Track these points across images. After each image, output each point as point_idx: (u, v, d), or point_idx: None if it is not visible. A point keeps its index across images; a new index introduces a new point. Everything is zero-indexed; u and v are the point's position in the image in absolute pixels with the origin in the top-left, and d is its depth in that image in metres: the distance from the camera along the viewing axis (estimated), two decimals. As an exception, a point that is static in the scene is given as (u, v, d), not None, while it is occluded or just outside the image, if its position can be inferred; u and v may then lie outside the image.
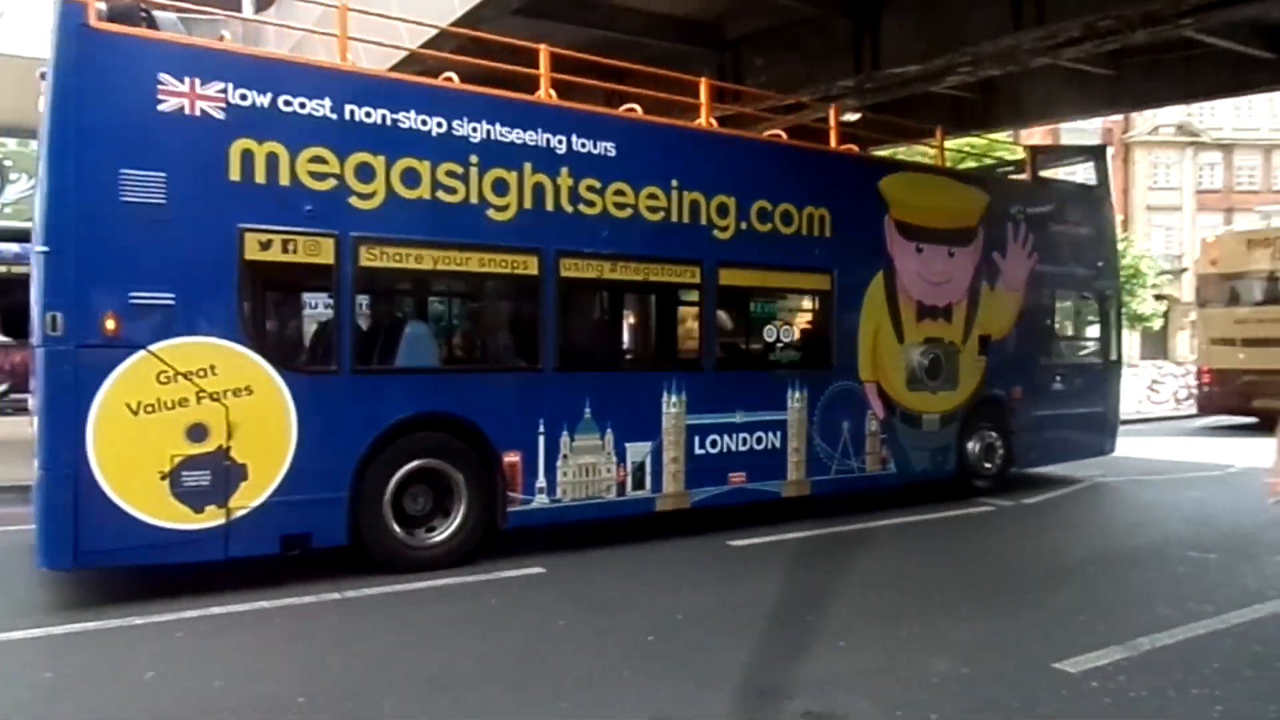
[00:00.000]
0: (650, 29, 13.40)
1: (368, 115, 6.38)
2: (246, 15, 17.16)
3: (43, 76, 5.74)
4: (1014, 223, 10.22)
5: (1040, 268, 10.42)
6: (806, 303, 9.04)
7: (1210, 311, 18.12)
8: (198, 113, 5.81)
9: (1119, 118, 41.53)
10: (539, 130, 7.07)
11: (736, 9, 12.90)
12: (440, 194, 6.64)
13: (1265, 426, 15.34)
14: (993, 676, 4.74)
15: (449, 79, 7.04)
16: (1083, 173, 12.28)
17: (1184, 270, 38.68)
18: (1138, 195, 43.50)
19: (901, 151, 28.51)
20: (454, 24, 9.57)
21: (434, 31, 10.03)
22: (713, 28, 13.62)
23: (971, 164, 17.48)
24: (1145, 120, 42.84)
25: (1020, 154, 12.07)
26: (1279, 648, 5.24)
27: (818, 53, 12.83)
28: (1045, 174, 11.27)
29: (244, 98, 5.95)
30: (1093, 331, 11.65)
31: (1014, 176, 11.33)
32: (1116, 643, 5.15)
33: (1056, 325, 11.00)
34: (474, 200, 6.78)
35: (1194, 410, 18.17)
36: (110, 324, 5.52)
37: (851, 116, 14.67)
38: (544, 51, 7.32)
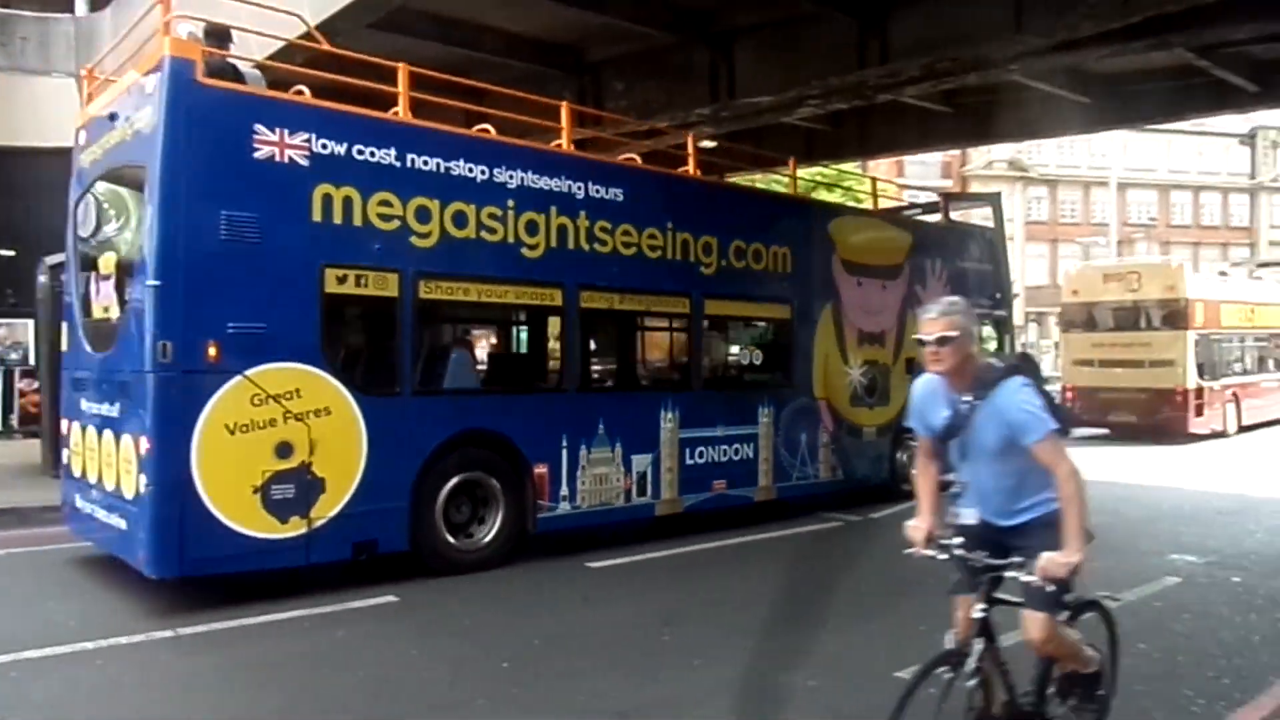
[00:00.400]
0: (511, 49, 13.37)
1: (425, 163, 7.14)
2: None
3: (111, 118, 6.57)
4: (931, 259, 11.46)
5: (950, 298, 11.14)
6: (772, 330, 10.18)
7: (1072, 335, 20.14)
8: (286, 160, 6.44)
9: (957, 152, 44.27)
10: (562, 177, 7.94)
11: (597, 33, 13.02)
12: (483, 234, 7.44)
13: (1117, 437, 18.44)
14: (839, 687, 4.90)
15: (299, 91, 6.94)
16: (980, 217, 13.72)
17: (1017, 295, 41.40)
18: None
19: (757, 179, 29.52)
20: (307, 38, 9.28)
21: (282, 44, 9.66)
22: (574, 50, 13.71)
23: (823, 192, 18.58)
24: (981, 155, 45.82)
25: (868, 184, 13.23)
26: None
27: (676, 80, 13.12)
28: (954, 217, 12.55)
29: (324, 146, 6.61)
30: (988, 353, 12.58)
31: (928, 219, 12.47)
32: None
33: None
34: (510, 239, 7.61)
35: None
36: (212, 351, 6.08)
37: (708, 144, 15.10)
38: (402, 70, 7.32)
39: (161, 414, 5.99)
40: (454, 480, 7.25)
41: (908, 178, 44.92)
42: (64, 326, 7.82)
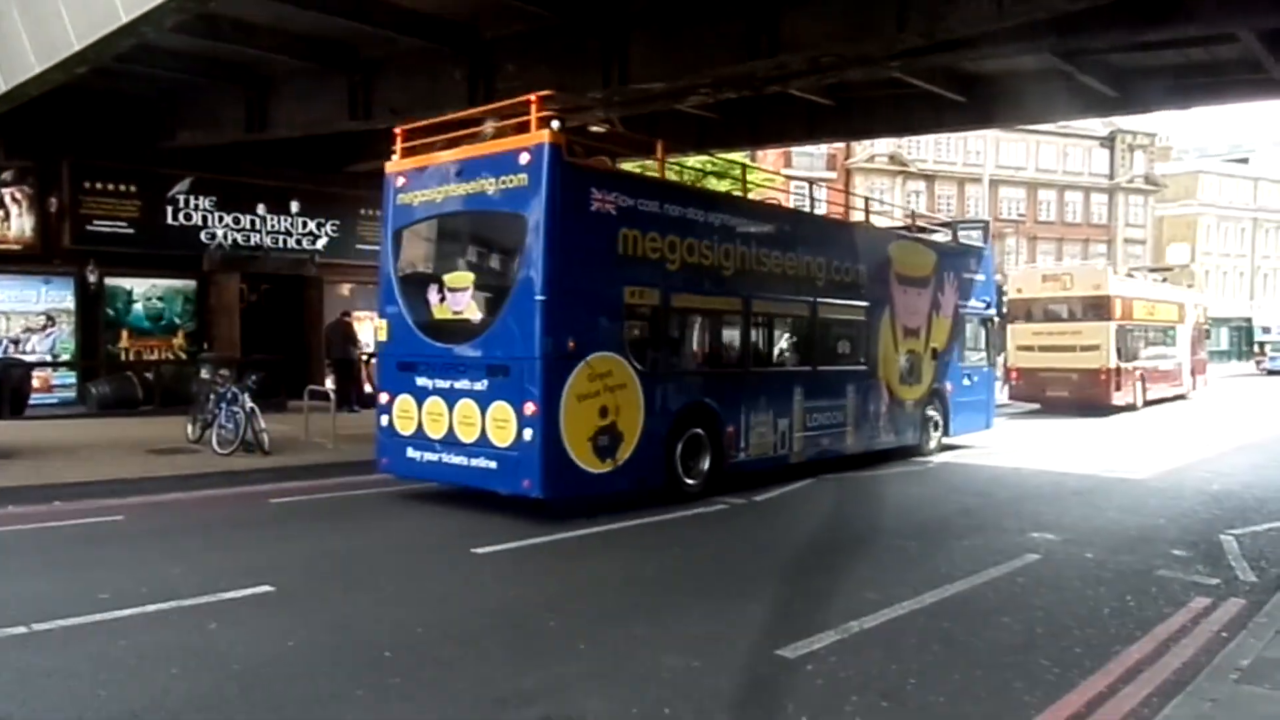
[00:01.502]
0: (402, 24, 13.02)
1: (672, 210, 9.83)
2: None
3: (459, 173, 9.27)
4: (947, 272, 14.47)
5: (959, 303, 14.76)
6: (854, 327, 12.78)
7: (1017, 326, 23.53)
8: (605, 210, 9.02)
9: (842, 145, 45.48)
10: (740, 217, 11.05)
11: (491, 11, 12.80)
12: (701, 260, 10.14)
13: (1049, 410, 22.22)
14: (721, 668, 5.00)
15: (604, 162, 9.65)
16: (976, 236, 16.60)
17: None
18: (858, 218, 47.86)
19: (651, 165, 29.64)
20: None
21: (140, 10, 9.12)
22: (467, 28, 13.44)
23: (712, 181, 20.58)
24: (863, 149, 47.22)
25: (757, 170, 15.79)
26: (963, 623, 5.93)
27: (569, 63, 13.01)
28: (961, 237, 15.67)
29: (624, 201, 9.23)
30: (982, 344, 15.85)
31: (941, 239, 15.30)
32: (830, 628, 5.61)
33: (967, 341, 15.24)
34: (715, 264, 10.35)
35: (1006, 399, 23.21)
36: (572, 344, 8.65)
37: (598, 128, 15.06)
38: (659, 145, 10.25)
39: (545, 387, 8.54)
40: (686, 434, 9.99)
41: (795, 168, 45.94)
42: (381, 323, 10.22)
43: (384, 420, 9.91)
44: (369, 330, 19.63)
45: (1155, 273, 32.21)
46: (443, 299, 9.42)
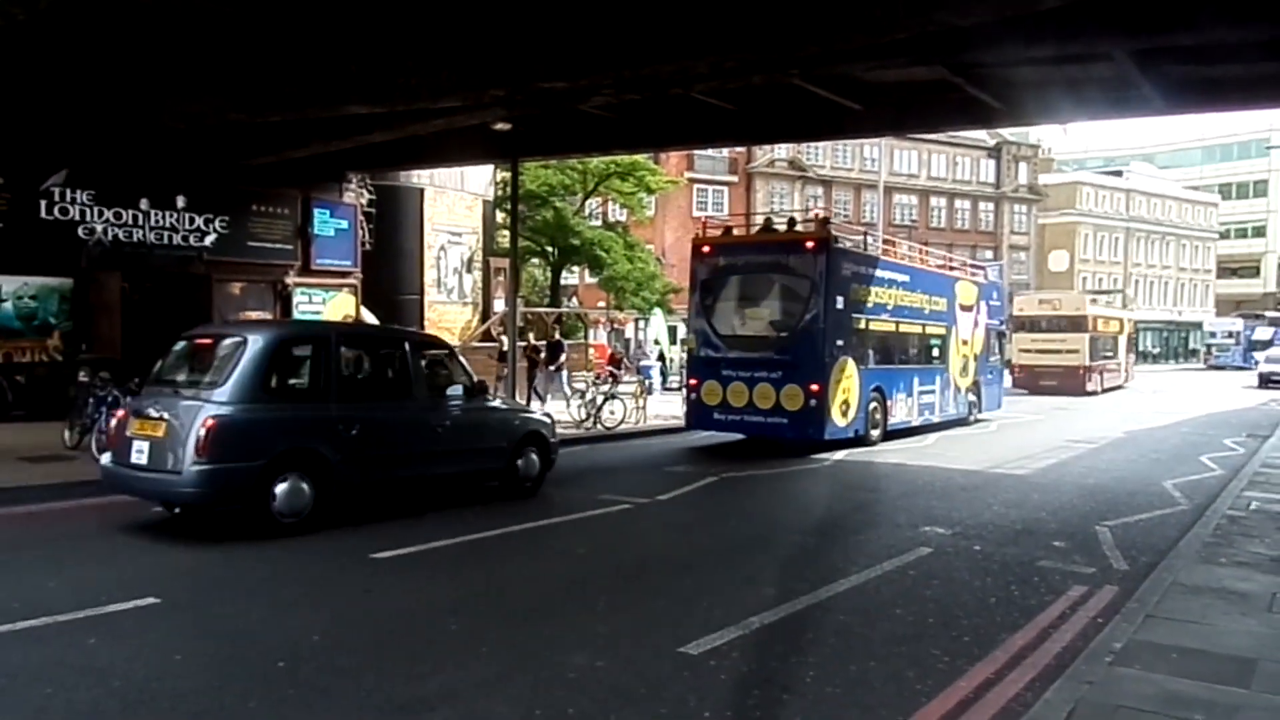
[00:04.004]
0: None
1: (879, 272, 16.46)
2: None
3: (758, 249, 15.94)
4: (983, 300, 21.13)
5: (988, 322, 21.43)
6: (938, 339, 18.75)
7: (1020, 334, 33.08)
8: (849, 275, 15.35)
9: (743, 149, 46.23)
10: (893, 271, 17.14)
11: (388, 6, 12.49)
12: (885, 299, 16.52)
13: (1041, 394, 30.40)
14: (625, 666, 5.02)
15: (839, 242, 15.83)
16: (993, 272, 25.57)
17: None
18: (758, 221, 48.72)
19: (553, 164, 29.54)
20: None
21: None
22: (362, 21, 13.08)
23: (616, 182, 23.16)
24: (764, 154, 48.11)
25: (660, 171, 19.66)
26: (858, 616, 6.10)
27: (470, 64, 12.81)
28: (989, 272, 24.17)
29: (856, 269, 15.71)
30: (997, 349, 22.51)
31: (980, 279, 22.02)
32: (732, 623, 5.70)
33: (991, 345, 21.64)
34: (891, 303, 16.71)
35: (1011, 387, 30.84)
36: (841, 343, 14.92)
37: (503, 126, 14.93)
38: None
39: (825, 375, 14.36)
40: (873, 402, 15.79)
41: (697, 171, 46.45)
42: (687, 336, 16.76)
43: (693, 396, 15.55)
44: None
45: (1101, 295, 43.69)
46: (743, 324, 15.37)
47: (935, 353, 18.55)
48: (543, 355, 21.29)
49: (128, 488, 8.40)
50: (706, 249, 15.98)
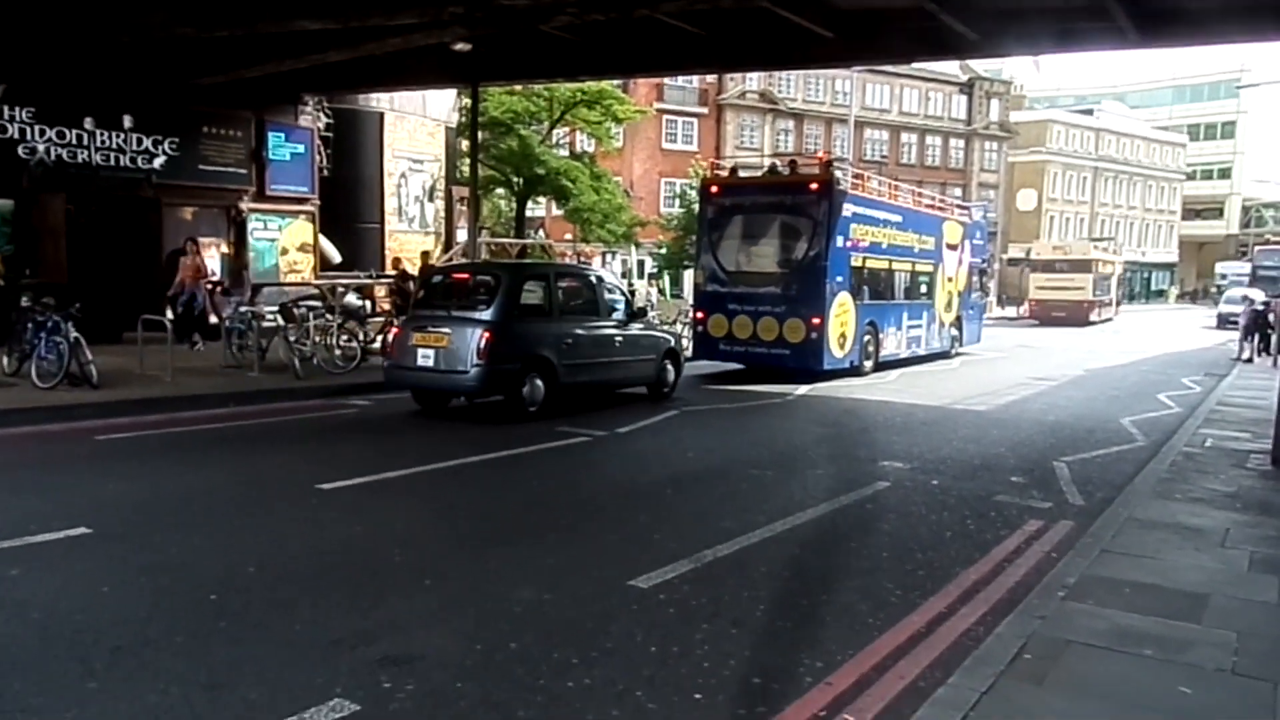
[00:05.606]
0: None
1: (872, 211, 17.01)
2: None
3: (766, 190, 16.57)
4: (967, 239, 21.73)
5: (971, 258, 22.10)
6: (926, 276, 19.35)
7: (1036, 274, 40.00)
8: (850, 215, 15.93)
9: (713, 79, 45.35)
10: (888, 211, 17.66)
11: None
12: (881, 239, 17.20)
13: (1052, 325, 36.44)
14: (572, 599, 4.89)
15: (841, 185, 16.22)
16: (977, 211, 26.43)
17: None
18: (728, 153, 48.05)
19: (518, 91, 28.75)
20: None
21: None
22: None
23: (584, 111, 22.96)
24: (735, 85, 47.26)
25: (629, 101, 21.44)
26: (813, 549, 6.03)
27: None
28: (974, 212, 25.13)
29: (856, 210, 16.25)
30: (978, 286, 23.25)
31: (965, 218, 22.67)
32: (684, 557, 5.58)
33: (973, 283, 22.40)
34: (886, 243, 17.39)
35: (1028, 316, 40.40)
36: (840, 280, 15.61)
37: (463, 47, 14.34)
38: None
39: (825, 309, 15.08)
40: (866, 336, 16.52)
41: (667, 102, 45.60)
42: (693, 272, 17.83)
43: (700, 329, 16.24)
44: (216, 260, 18.50)
45: (1101, 240, 49.76)
46: (749, 260, 15.96)
47: (923, 289, 19.18)
48: (413, 286, 16.66)
49: (416, 384, 11.00)
50: (714, 189, 16.54)
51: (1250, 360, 21.06)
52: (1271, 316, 21.46)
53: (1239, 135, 78.93)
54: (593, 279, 12.90)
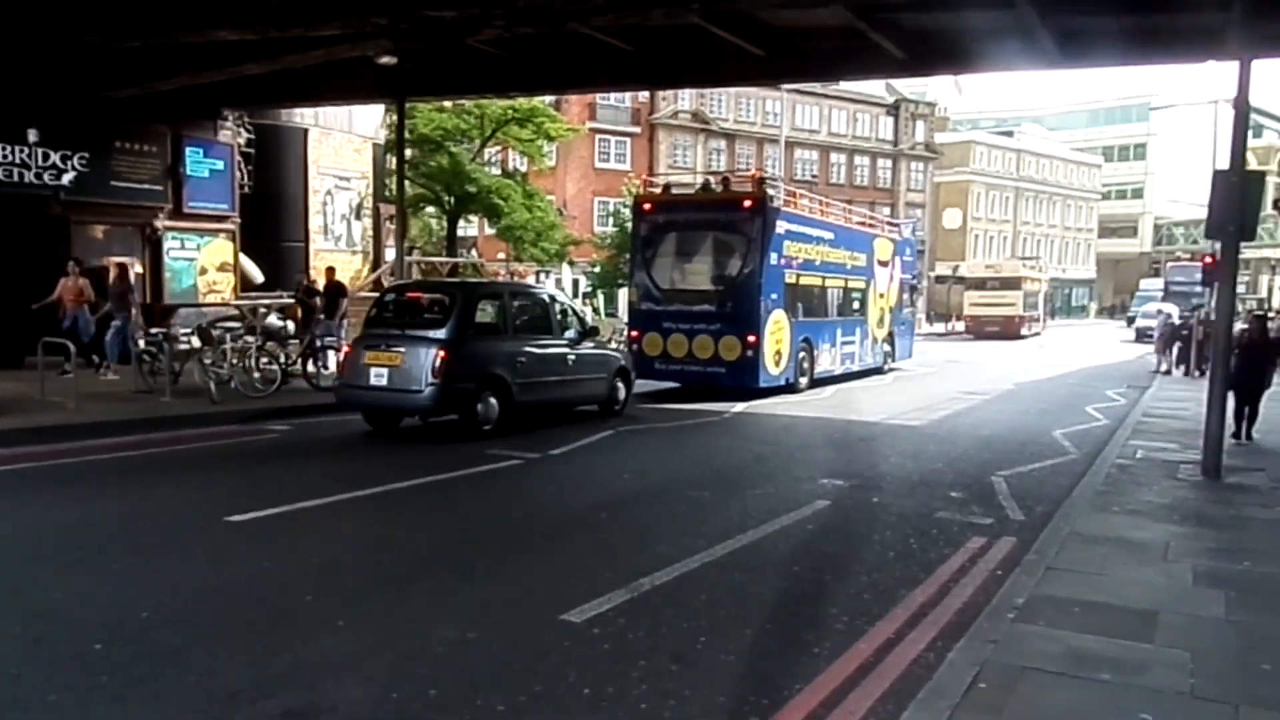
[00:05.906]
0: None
1: (802, 229, 16.87)
2: None
3: (697, 208, 16.44)
4: (898, 255, 21.87)
5: (902, 276, 22.19)
6: (859, 292, 19.38)
7: (970, 292, 42.34)
8: (783, 232, 15.83)
9: (646, 99, 45.43)
10: (821, 229, 17.75)
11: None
12: (814, 256, 17.13)
13: (981, 338, 39.05)
14: (500, 637, 4.55)
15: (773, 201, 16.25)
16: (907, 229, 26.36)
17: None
18: (661, 171, 48.11)
19: (448, 108, 28.31)
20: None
21: None
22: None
23: (515, 129, 27.26)
24: (667, 105, 47.41)
25: (561, 119, 22.09)
26: (754, 575, 5.76)
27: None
28: (904, 229, 25.11)
29: (789, 227, 16.22)
30: (908, 302, 23.61)
31: (895, 236, 22.82)
32: (620, 586, 5.28)
33: (904, 299, 22.47)
34: (819, 260, 17.39)
35: (963, 331, 42.56)
36: (775, 297, 15.56)
37: (389, 60, 13.94)
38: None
39: (760, 326, 14.96)
40: (802, 351, 16.42)
41: (600, 121, 45.54)
42: (628, 290, 17.60)
43: (635, 347, 15.55)
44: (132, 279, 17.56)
45: (1029, 259, 51.84)
46: (683, 278, 15.75)
47: (856, 306, 19.25)
48: (319, 302, 16.52)
49: (368, 403, 10.85)
50: (648, 206, 16.37)
51: (1169, 372, 21.63)
52: (1186, 332, 22.08)
53: (1149, 157, 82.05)
54: (545, 298, 12.88)
